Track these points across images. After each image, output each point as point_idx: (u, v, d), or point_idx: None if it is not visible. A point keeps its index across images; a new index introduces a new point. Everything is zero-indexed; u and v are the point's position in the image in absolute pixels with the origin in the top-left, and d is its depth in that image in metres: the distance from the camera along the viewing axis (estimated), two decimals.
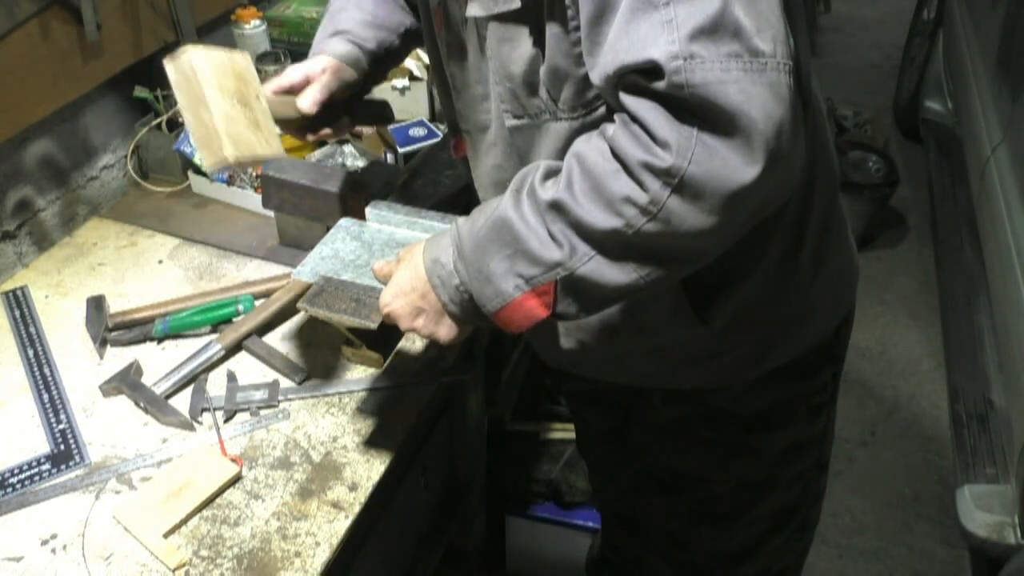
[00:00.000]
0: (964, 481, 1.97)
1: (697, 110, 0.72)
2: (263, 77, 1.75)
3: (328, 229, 1.50)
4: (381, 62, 1.21)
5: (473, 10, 0.89)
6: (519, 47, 0.88)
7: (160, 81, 1.69)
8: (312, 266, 1.10)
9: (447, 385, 1.31)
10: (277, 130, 1.07)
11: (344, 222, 1.19)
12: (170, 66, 1.02)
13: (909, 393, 2.60)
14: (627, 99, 0.77)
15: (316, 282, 1.07)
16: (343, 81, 1.15)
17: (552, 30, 0.84)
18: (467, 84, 0.99)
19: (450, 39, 0.99)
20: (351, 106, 1.19)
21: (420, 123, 1.74)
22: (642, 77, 0.74)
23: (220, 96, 1.00)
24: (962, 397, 2.20)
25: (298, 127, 1.15)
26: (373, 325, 1.01)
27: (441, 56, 1.03)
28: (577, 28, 0.83)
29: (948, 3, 3.24)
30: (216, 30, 1.84)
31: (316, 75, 1.13)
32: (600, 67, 0.78)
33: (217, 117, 0.99)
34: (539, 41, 0.87)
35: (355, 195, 1.35)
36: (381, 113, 1.29)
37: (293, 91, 1.13)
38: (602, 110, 0.88)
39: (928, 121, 3.31)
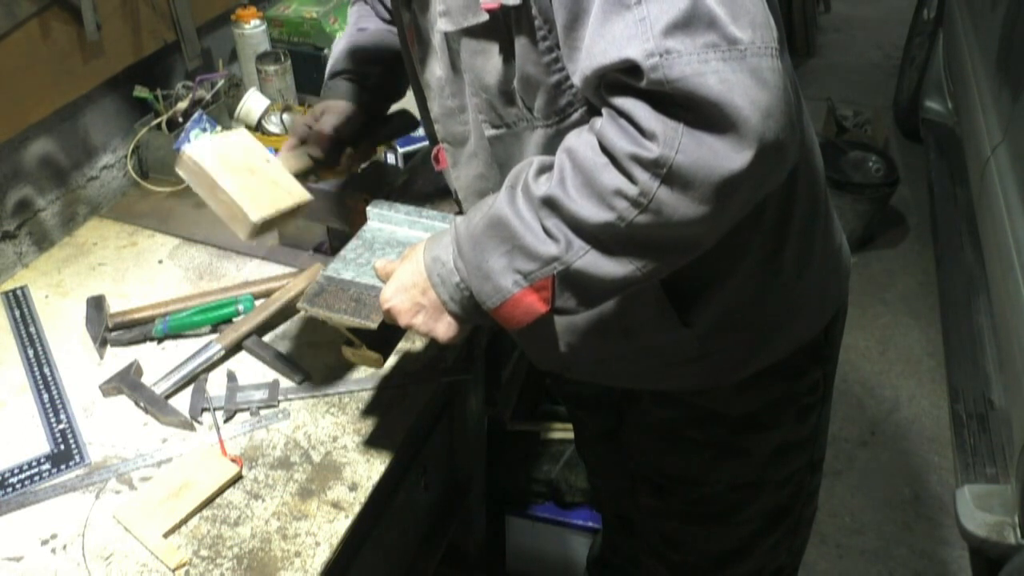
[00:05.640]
0: (964, 481, 1.97)
1: (682, 102, 0.72)
2: (264, 77, 1.76)
3: (328, 229, 1.51)
4: (381, 87, 1.30)
5: (443, 25, 0.90)
6: (491, 59, 0.89)
7: (160, 81, 1.70)
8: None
9: (447, 385, 1.31)
10: (295, 180, 1.17)
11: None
12: (179, 170, 1.12)
13: (909, 393, 2.60)
14: (611, 96, 0.77)
15: (317, 281, 1.07)
16: (343, 116, 1.25)
17: (521, 41, 0.85)
18: (442, 97, 1.00)
19: (422, 55, 1.01)
20: (365, 132, 1.30)
21: (420, 123, 1.74)
22: (623, 75, 0.74)
23: (228, 174, 1.11)
24: (962, 397, 2.20)
25: (318, 170, 1.26)
26: (373, 325, 1.01)
27: (417, 72, 1.04)
28: (545, 39, 0.84)
29: (948, 3, 3.24)
30: (216, 30, 1.84)
31: (317, 121, 1.25)
32: (580, 71, 0.79)
33: (232, 191, 1.09)
34: (510, 52, 0.87)
35: (355, 195, 1.35)
36: (402, 124, 1.36)
37: (303, 143, 1.25)
38: (575, 116, 0.89)
39: (928, 121, 3.31)
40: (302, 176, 1.22)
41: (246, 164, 1.12)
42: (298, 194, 1.15)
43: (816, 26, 4.61)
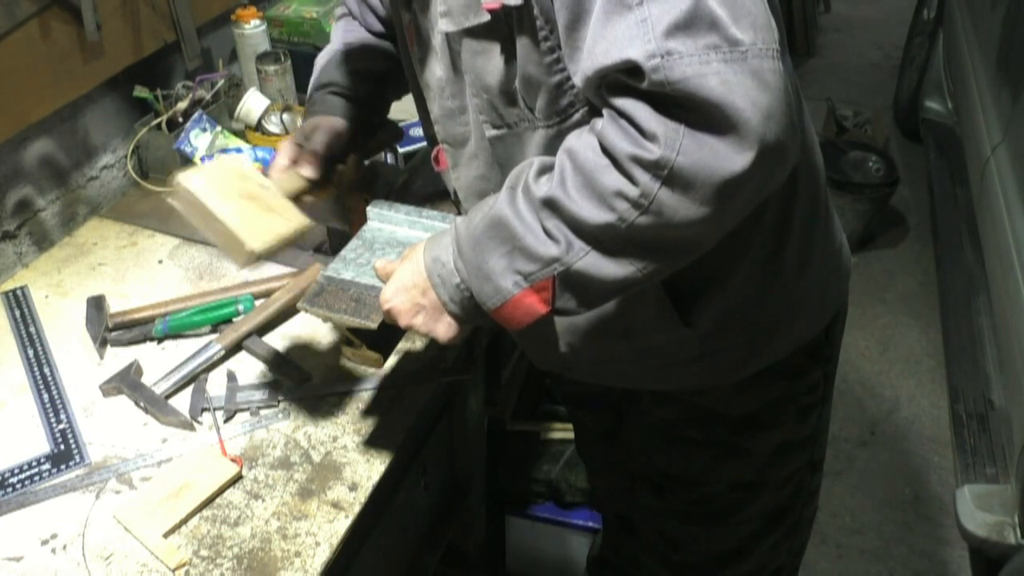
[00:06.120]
0: (964, 481, 1.97)
1: (683, 103, 0.72)
2: (264, 77, 1.76)
3: (328, 230, 1.51)
4: (369, 102, 1.27)
5: (444, 26, 0.90)
6: (492, 59, 0.89)
7: (160, 81, 1.70)
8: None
9: (447, 385, 1.31)
10: (292, 205, 1.13)
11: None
12: (173, 201, 1.08)
13: (909, 393, 2.60)
14: (612, 97, 0.77)
15: (317, 281, 1.07)
16: (333, 133, 1.20)
17: (522, 41, 0.85)
18: (442, 98, 1.00)
19: (422, 55, 1.00)
20: (354, 147, 1.26)
21: (420, 123, 1.74)
22: (624, 76, 0.74)
23: (224, 202, 1.06)
24: (962, 397, 2.20)
25: (313, 191, 1.21)
26: (373, 325, 1.01)
27: (416, 73, 1.04)
28: (547, 39, 0.84)
29: (948, 3, 3.24)
30: (216, 30, 1.84)
31: (307, 139, 1.20)
32: (581, 71, 0.79)
33: (229, 221, 1.05)
34: (511, 52, 0.87)
35: (355, 195, 1.35)
36: (389, 136, 1.34)
37: (296, 163, 1.19)
38: (577, 116, 0.89)
39: (928, 121, 3.31)
40: (296, 197, 1.18)
41: (242, 191, 1.09)
42: (296, 220, 1.12)
43: (816, 26, 4.61)
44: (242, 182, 1.10)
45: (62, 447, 1.15)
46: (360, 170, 1.31)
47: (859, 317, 2.83)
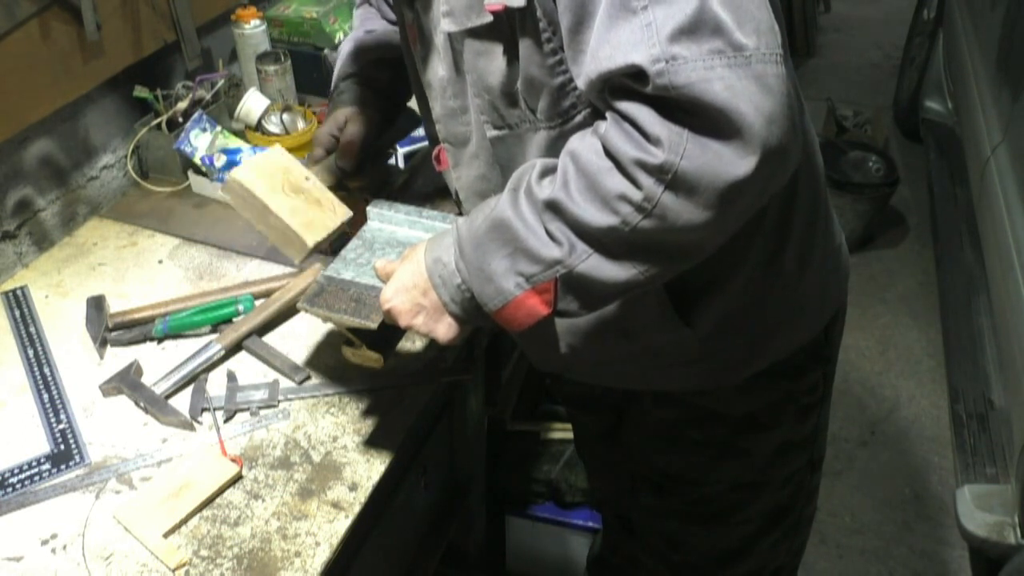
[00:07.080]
0: (964, 481, 1.97)
1: (687, 108, 0.72)
2: (264, 77, 1.76)
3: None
4: (394, 90, 1.30)
5: (447, 26, 0.90)
6: (495, 60, 0.89)
7: (160, 81, 1.70)
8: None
9: (447, 385, 1.31)
10: (334, 197, 1.18)
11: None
12: (226, 194, 1.14)
13: (909, 393, 2.60)
14: (616, 101, 0.77)
15: (317, 281, 1.07)
16: (367, 123, 1.25)
17: (525, 43, 0.85)
18: (444, 98, 1.00)
19: (424, 54, 1.00)
20: (379, 136, 1.30)
21: (422, 120, 1.74)
22: (628, 80, 0.74)
23: (276, 196, 1.12)
24: (962, 397, 2.20)
25: (347, 177, 1.27)
26: (373, 325, 1.01)
27: (418, 71, 1.04)
28: (549, 41, 0.84)
29: (948, 3, 3.24)
30: (216, 30, 1.84)
31: (341, 130, 1.25)
32: (584, 74, 0.79)
33: (284, 216, 1.11)
34: (514, 54, 0.87)
35: (355, 195, 1.35)
36: (408, 123, 1.37)
37: (330, 153, 1.26)
38: (579, 118, 0.90)
39: (928, 121, 3.31)
40: (332, 188, 1.22)
41: (290, 184, 1.14)
42: (342, 212, 1.17)
43: (816, 26, 4.62)
44: (288, 175, 1.15)
45: (62, 447, 1.15)
46: (385, 157, 1.35)
47: (859, 317, 2.83)
